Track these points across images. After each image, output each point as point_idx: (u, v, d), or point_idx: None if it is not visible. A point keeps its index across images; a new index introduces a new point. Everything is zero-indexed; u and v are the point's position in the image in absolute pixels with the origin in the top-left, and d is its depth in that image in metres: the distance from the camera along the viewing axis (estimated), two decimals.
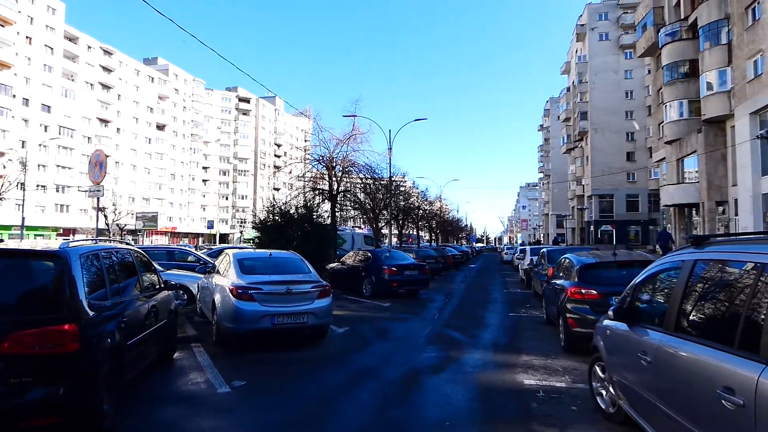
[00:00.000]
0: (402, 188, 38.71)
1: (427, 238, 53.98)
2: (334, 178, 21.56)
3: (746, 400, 2.31)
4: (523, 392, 5.67)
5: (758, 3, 20.72)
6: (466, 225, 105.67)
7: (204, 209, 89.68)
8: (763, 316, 2.37)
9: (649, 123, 42.35)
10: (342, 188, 23.00)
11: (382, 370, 6.80)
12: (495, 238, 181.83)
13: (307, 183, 24.25)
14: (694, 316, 3.12)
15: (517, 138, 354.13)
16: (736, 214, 22.98)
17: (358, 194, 27.55)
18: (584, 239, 55.72)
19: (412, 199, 40.83)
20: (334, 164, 21.67)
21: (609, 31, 54.45)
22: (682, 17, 28.19)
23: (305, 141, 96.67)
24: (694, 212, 27.80)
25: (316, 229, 17.58)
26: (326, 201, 22.02)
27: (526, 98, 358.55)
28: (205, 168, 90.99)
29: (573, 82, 60.45)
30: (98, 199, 10.86)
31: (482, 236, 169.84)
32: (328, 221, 20.98)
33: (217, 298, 7.97)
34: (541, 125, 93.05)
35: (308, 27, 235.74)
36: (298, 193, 24.25)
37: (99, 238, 11.95)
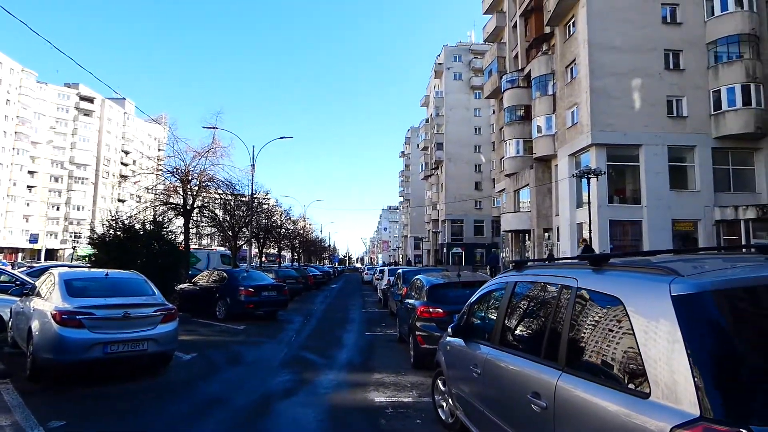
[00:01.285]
0: (264, 206, 37.68)
1: (290, 257, 53.14)
2: (189, 193, 20.18)
3: (548, 402, 2.68)
4: (373, 410, 5.83)
5: (575, 64, 24.84)
6: (330, 245, 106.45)
7: (27, 220, 76.74)
8: (561, 329, 2.81)
9: (493, 157, 47.60)
10: (198, 204, 21.62)
11: (231, 397, 6.45)
12: (357, 259, 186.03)
13: (158, 196, 22.32)
14: (513, 330, 3.55)
15: (380, 163, 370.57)
16: (558, 240, 26.77)
17: (217, 211, 26.14)
18: (438, 260, 59.92)
19: (274, 218, 39.97)
20: (190, 178, 20.31)
21: (462, 72, 60.36)
22: (520, 68, 32.52)
23: (159, 150, 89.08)
24: (527, 237, 31.73)
25: (166, 246, 16.19)
26: (179, 216, 20.48)
27: (390, 125, 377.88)
28: (31, 172, 78.20)
29: (431, 115, 65.46)
30: None
31: (345, 256, 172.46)
32: (182, 238, 19.51)
33: (35, 324, 6.85)
34: (403, 152, 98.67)
35: (171, 32, 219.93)
36: (147, 207, 22.17)
37: None
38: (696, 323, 2.02)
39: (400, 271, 16.59)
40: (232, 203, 26.14)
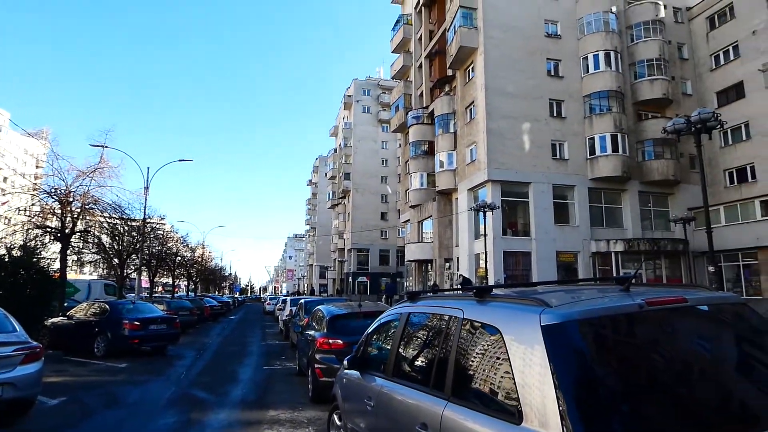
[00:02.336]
0: (159, 232, 35.15)
1: (186, 287, 49.78)
2: (69, 216, 18.22)
3: None
4: None
5: (474, 106, 26.72)
6: (231, 274, 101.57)
7: None
8: (447, 359, 2.90)
9: (399, 188, 49.07)
10: (80, 228, 19.58)
11: None
12: (260, 288, 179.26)
13: (31, 218, 19.88)
14: (406, 361, 3.60)
15: (287, 190, 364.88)
16: (458, 269, 28.02)
17: (102, 236, 23.87)
18: (338, 290, 59.67)
19: (169, 245, 37.40)
20: (72, 199, 18.39)
21: (371, 105, 62.13)
22: (425, 105, 34.26)
23: (37, 168, 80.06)
24: (429, 267, 32.80)
25: (37, 275, 14.34)
26: (56, 242, 18.38)
27: (297, 153, 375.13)
28: None
29: (340, 145, 66.20)
30: None
31: (247, 286, 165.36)
32: (58, 265, 17.48)
33: None
34: (311, 180, 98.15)
35: (61, 41, 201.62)
36: (17, 231, 19.67)
37: None
38: (561, 351, 2.19)
39: (302, 301, 16.21)
40: (121, 228, 24.02)
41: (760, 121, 24.92)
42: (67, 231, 17.98)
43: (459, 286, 19.16)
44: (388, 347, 3.99)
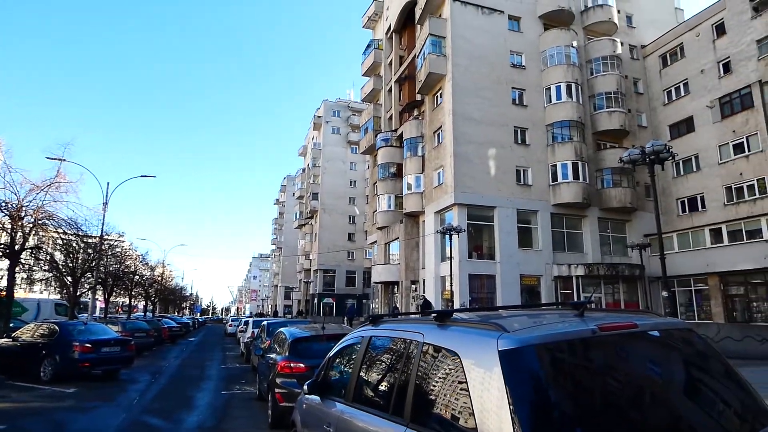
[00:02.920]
0: (117, 249, 33.91)
1: (144, 307, 47.94)
2: (20, 231, 17.38)
3: None
4: None
5: (441, 130, 27.25)
6: (192, 294, 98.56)
7: None
8: (407, 384, 2.88)
9: (367, 209, 49.14)
10: (31, 244, 18.69)
11: None
12: (222, 309, 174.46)
13: None
14: (367, 386, 3.56)
15: (254, 209, 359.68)
16: (424, 292, 28.08)
17: (55, 253, 22.84)
18: (300, 312, 58.76)
19: (128, 263, 36.08)
20: (24, 214, 17.58)
21: (340, 126, 62.49)
22: (394, 128, 34.71)
23: None
24: (395, 289, 32.74)
25: None
26: (4, 258, 17.46)
27: (264, 172, 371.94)
28: None
29: (308, 165, 66.03)
30: None
31: (209, 306, 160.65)
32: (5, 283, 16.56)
33: None
34: (278, 200, 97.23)
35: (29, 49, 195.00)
36: None
37: None
38: (517, 375, 2.22)
39: (264, 322, 15.85)
40: (76, 245, 23.04)
41: (708, 154, 26.40)
42: (17, 247, 17.13)
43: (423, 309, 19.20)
44: (350, 371, 3.94)
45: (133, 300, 41.52)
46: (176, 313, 63.49)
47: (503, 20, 28.21)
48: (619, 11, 30.78)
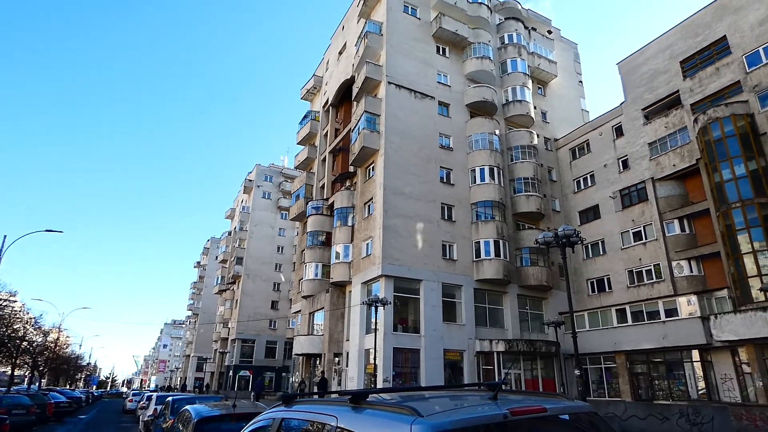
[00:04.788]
0: (5, 311, 30.17)
1: (29, 378, 42.13)
2: None
3: None
4: None
5: (372, 202, 27.87)
6: (89, 363, 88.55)
7: None
8: None
9: (293, 277, 47.92)
10: None
11: None
12: (124, 381, 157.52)
13: None
14: None
15: (173, 271, 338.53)
16: (347, 365, 27.17)
17: None
18: (222, 384, 54.46)
19: (16, 326, 32.06)
20: None
21: (271, 191, 62.07)
22: (325, 197, 35.01)
23: None
24: (318, 361, 31.42)
25: None
26: None
27: (189, 234, 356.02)
28: None
29: (235, 228, 64.15)
30: None
31: (108, 377, 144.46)
32: None
33: None
34: (198, 262, 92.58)
35: None
36: None
37: None
38: None
39: (169, 398, 14.42)
40: None
41: (612, 239, 28.94)
42: None
43: (341, 388, 18.53)
44: None
45: (17, 369, 36.47)
46: (68, 386, 56.30)
47: (434, 105, 30.33)
48: (535, 107, 34.25)
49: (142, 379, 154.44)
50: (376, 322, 23.01)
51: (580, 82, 40.44)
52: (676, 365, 22.62)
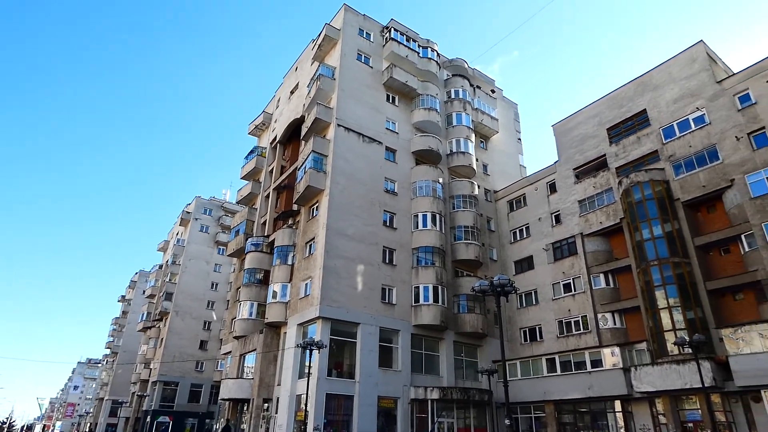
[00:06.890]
0: None
1: None
2: None
3: None
4: None
5: (314, 242, 27.57)
6: None
7: None
8: None
9: (225, 315, 45.77)
10: None
11: None
12: (23, 427, 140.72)
13: None
14: None
15: (93, 306, 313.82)
16: (277, 412, 25.88)
17: None
18: (138, 431, 49.97)
19: None
20: None
21: (210, 225, 59.98)
22: (266, 234, 34.26)
23: None
24: (246, 408, 29.72)
25: None
26: None
27: (116, 268, 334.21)
28: None
29: (167, 261, 61.01)
30: None
31: (4, 424, 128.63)
32: None
33: None
34: (123, 296, 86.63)
35: None
36: None
37: None
38: None
39: None
40: None
41: (544, 290, 30.14)
42: None
43: None
44: None
45: None
46: None
47: (381, 150, 31.03)
48: (477, 159, 35.88)
49: (45, 425, 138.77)
50: (309, 366, 22.24)
51: (519, 139, 42.98)
52: (600, 415, 23.38)
